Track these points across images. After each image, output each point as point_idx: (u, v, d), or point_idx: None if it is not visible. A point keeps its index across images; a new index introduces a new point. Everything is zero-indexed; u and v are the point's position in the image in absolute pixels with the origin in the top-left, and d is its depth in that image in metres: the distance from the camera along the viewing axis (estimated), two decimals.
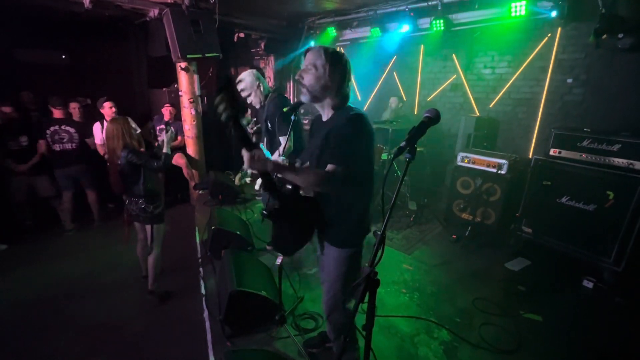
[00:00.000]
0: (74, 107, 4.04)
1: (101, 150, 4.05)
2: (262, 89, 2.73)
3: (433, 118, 1.19)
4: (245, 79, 2.68)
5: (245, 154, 1.39)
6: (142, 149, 2.67)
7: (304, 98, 1.59)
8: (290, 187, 1.63)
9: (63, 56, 5.53)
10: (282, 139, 2.51)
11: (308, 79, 1.54)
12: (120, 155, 2.57)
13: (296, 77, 1.58)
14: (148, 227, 2.75)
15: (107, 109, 3.89)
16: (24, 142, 3.69)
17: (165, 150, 2.69)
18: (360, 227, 1.72)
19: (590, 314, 2.73)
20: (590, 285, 3.03)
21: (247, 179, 2.46)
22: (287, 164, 1.57)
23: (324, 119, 1.67)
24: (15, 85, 4.34)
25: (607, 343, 2.45)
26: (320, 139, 1.59)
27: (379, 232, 1.14)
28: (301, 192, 1.68)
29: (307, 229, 1.70)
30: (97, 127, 4.01)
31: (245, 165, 1.43)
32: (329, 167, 1.48)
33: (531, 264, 3.40)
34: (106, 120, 3.99)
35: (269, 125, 2.67)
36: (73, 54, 5.33)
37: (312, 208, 1.65)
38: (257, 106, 2.79)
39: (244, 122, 3.77)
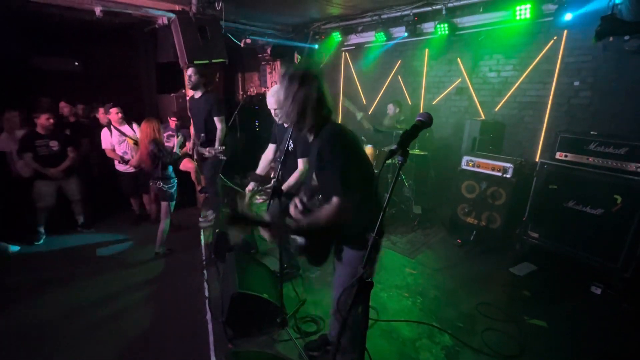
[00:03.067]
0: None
1: (110, 155, 4.15)
2: None
3: (425, 121, 1.21)
4: (278, 95, 2.48)
5: (264, 232, 1.56)
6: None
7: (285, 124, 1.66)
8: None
9: (76, 63, 5.72)
10: (300, 162, 2.49)
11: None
12: (149, 147, 3.34)
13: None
14: (164, 203, 3.52)
15: (114, 114, 4.00)
16: (54, 148, 3.77)
17: (175, 150, 3.63)
18: (370, 227, 1.73)
19: (597, 321, 2.68)
20: (598, 291, 2.97)
21: (257, 198, 2.40)
22: (302, 222, 1.61)
23: (310, 139, 1.71)
24: (31, 92, 4.50)
25: (614, 350, 2.41)
26: (313, 157, 1.66)
27: (372, 235, 1.15)
28: None
29: (330, 243, 1.80)
30: (105, 132, 4.11)
31: (268, 240, 1.59)
32: (335, 199, 1.51)
33: (537, 269, 3.35)
34: (114, 127, 4.10)
35: (292, 145, 2.53)
36: (85, 60, 5.50)
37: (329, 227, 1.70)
38: (285, 125, 2.58)
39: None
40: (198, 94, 3.76)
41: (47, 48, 5.17)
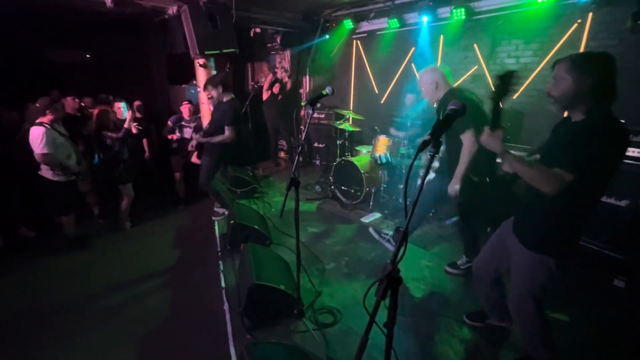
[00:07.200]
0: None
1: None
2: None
3: (459, 110, 1.14)
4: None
5: (487, 129, 1.60)
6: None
7: (553, 108, 1.61)
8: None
9: (87, 55, 5.72)
10: (465, 138, 2.75)
11: (557, 91, 1.56)
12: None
13: (546, 90, 1.61)
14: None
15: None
16: None
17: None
18: (565, 235, 1.63)
19: (621, 315, 2.61)
20: (621, 284, 2.88)
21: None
22: (513, 153, 1.60)
23: (573, 119, 1.62)
24: (44, 84, 4.51)
25: (638, 345, 2.34)
26: (561, 136, 1.60)
27: (401, 229, 1.11)
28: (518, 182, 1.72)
29: (498, 214, 1.78)
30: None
31: (483, 138, 1.63)
32: (557, 170, 1.45)
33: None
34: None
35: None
36: (96, 52, 5.49)
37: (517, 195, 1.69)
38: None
39: None
40: (225, 99, 3.82)
41: (61, 41, 5.16)
